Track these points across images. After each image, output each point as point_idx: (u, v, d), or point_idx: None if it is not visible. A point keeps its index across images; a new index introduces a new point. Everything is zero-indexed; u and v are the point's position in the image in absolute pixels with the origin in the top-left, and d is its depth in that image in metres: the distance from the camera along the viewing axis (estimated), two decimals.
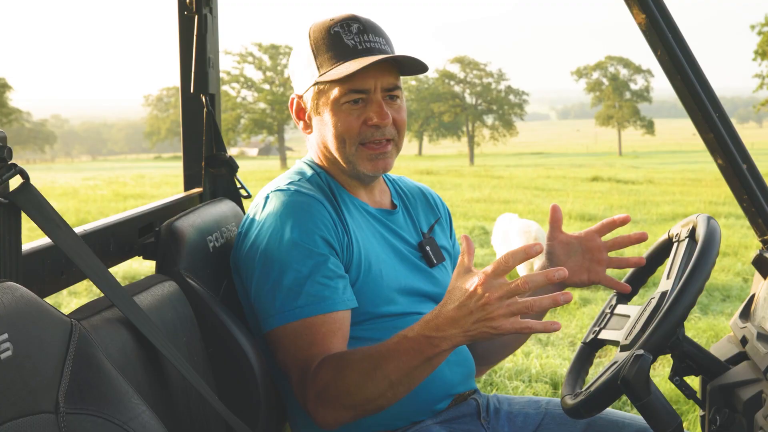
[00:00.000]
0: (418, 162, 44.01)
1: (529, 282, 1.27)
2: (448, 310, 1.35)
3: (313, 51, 1.68)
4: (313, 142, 1.77)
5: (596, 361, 4.44)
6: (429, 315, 1.40)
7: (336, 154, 1.71)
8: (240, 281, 1.72)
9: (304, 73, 1.71)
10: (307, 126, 1.76)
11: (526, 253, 1.27)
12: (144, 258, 1.80)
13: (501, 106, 63.44)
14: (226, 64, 66.53)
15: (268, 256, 1.61)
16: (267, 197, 1.70)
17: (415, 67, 1.68)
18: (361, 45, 1.65)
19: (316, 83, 1.68)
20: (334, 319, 1.58)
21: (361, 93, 1.65)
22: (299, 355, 1.56)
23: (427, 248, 1.84)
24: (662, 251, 1.76)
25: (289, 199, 1.66)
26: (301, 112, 1.77)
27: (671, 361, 1.51)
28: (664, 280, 1.56)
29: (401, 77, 1.72)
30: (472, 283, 1.32)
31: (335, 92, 1.65)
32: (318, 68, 1.67)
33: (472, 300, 1.31)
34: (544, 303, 1.28)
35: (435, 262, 1.83)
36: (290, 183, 1.72)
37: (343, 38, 1.65)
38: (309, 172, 1.77)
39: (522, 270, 6.97)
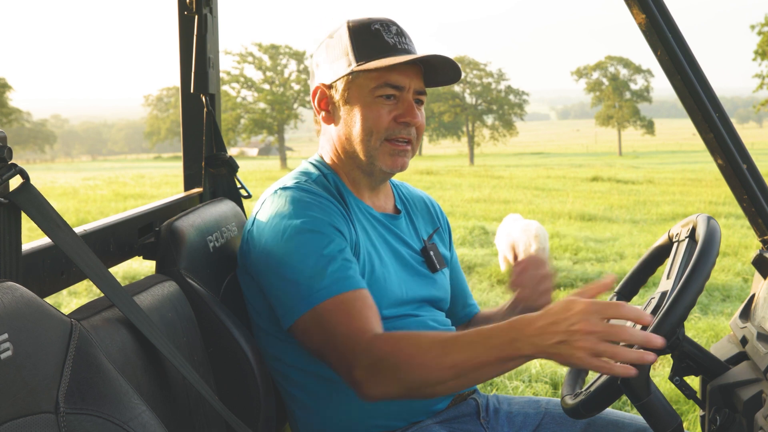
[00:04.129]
0: (418, 162, 44.00)
1: (630, 338, 1.25)
2: (541, 323, 1.32)
3: (351, 42, 1.69)
4: (333, 134, 1.77)
5: None
6: (517, 321, 1.36)
7: (357, 147, 1.71)
8: (250, 280, 1.71)
9: (336, 63, 1.72)
10: (330, 117, 1.76)
11: (637, 316, 1.26)
12: (144, 258, 1.80)
13: (501, 106, 63.42)
14: (226, 64, 66.56)
15: (285, 248, 1.59)
16: (275, 193, 1.70)
17: (445, 76, 1.72)
18: (400, 45, 1.69)
19: (352, 72, 1.68)
20: (363, 295, 1.56)
21: (395, 89, 1.67)
22: (341, 330, 1.51)
23: (431, 253, 1.84)
24: (662, 251, 1.76)
25: (298, 194, 1.67)
26: (324, 101, 1.76)
27: (671, 361, 1.51)
28: (664, 280, 1.56)
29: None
30: (574, 307, 1.29)
31: (371, 84, 1.67)
32: (356, 59, 1.68)
33: (565, 323, 1.28)
34: (630, 356, 1.25)
35: (438, 267, 1.83)
36: (297, 182, 1.73)
37: (383, 36, 1.68)
38: (315, 172, 1.77)
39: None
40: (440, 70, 1.71)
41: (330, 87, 1.74)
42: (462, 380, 1.40)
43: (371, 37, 1.68)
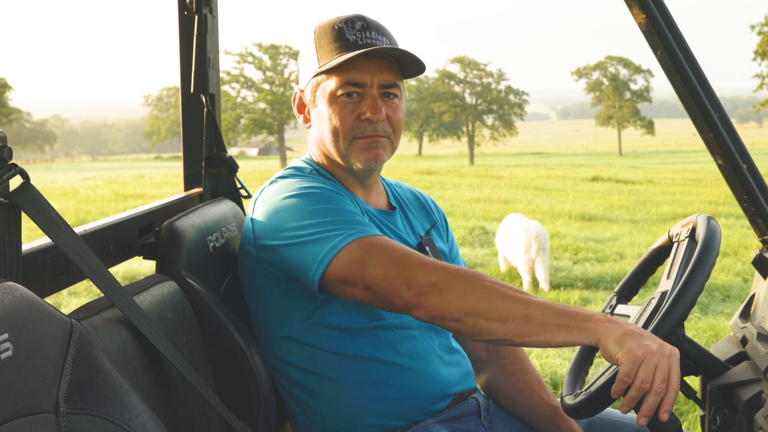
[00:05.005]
0: (418, 162, 44.00)
1: (661, 390, 1.26)
2: (622, 322, 1.33)
3: (315, 45, 1.69)
4: (312, 136, 1.79)
5: (596, 361, 4.44)
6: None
7: (331, 148, 1.72)
8: (253, 276, 1.70)
9: (306, 67, 1.73)
10: (307, 120, 1.78)
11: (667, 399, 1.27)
12: (144, 258, 1.80)
13: (501, 106, 63.39)
14: (226, 64, 66.54)
15: (303, 212, 1.58)
16: (272, 182, 1.71)
17: (412, 66, 1.68)
18: (362, 41, 1.65)
19: (315, 75, 1.69)
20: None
21: (356, 86, 1.65)
22: (400, 252, 1.48)
23: (427, 248, 1.83)
24: (662, 251, 1.76)
25: (298, 177, 1.69)
26: (302, 106, 1.78)
27: None
28: (664, 280, 1.57)
29: (404, 80, 1.73)
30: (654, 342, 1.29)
31: (332, 85, 1.66)
32: (318, 61, 1.68)
33: (642, 334, 1.29)
34: (653, 404, 1.27)
35: None
36: (291, 172, 1.75)
37: (345, 33, 1.66)
38: (307, 167, 1.78)
39: (522, 267, 6.97)
40: (405, 61, 1.68)
41: (303, 91, 1.76)
42: (521, 329, 1.37)
43: (333, 37, 1.67)
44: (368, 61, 1.64)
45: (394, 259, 1.47)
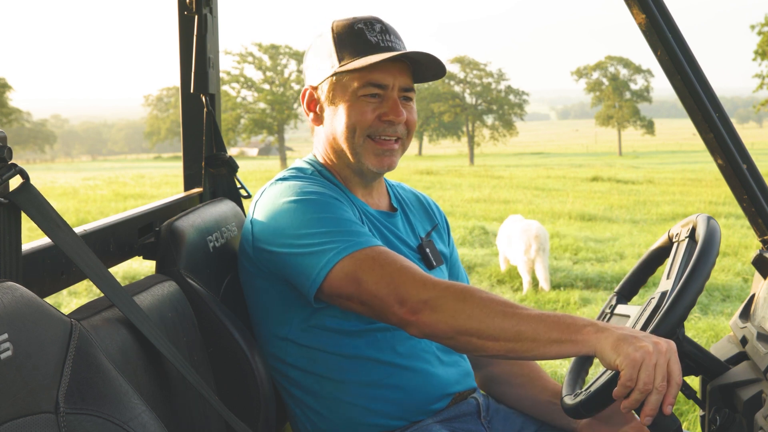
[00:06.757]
0: (418, 162, 43.99)
1: (662, 386, 1.26)
2: (619, 326, 1.33)
3: (335, 43, 1.70)
4: (322, 134, 1.78)
5: (596, 360, 4.44)
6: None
7: (344, 145, 1.72)
8: (252, 277, 1.71)
9: (322, 65, 1.73)
10: (318, 117, 1.77)
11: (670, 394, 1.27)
12: (144, 258, 1.80)
13: (501, 106, 63.38)
14: (226, 64, 66.58)
15: (301, 219, 1.59)
16: (274, 183, 1.72)
17: (430, 71, 1.72)
18: (384, 43, 1.68)
19: (336, 74, 1.69)
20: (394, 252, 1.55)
21: (379, 88, 1.67)
22: (395, 267, 1.49)
23: (427, 250, 1.84)
24: (662, 251, 1.76)
25: (299, 180, 1.70)
26: (313, 103, 1.78)
27: None
28: (664, 280, 1.57)
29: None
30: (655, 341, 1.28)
31: (354, 84, 1.67)
32: (339, 59, 1.69)
33: (639, 336, 1.29)
34: (655, 402, 1.27)
35: (434, 264, 1.83)
36: (293, 174, 1.75)
37: (366, 34, 1.68)
38: (309, 168, 1.78)
39: (522, 267, 6.97)
40: (425, 66, 1.71)
41: (316, 88, 1.75)
42: (513, 345, 1.38)
43: (354, 37, 1.68)
44: (392, 64, 1.67)
45: (387, 275, 1.48)
